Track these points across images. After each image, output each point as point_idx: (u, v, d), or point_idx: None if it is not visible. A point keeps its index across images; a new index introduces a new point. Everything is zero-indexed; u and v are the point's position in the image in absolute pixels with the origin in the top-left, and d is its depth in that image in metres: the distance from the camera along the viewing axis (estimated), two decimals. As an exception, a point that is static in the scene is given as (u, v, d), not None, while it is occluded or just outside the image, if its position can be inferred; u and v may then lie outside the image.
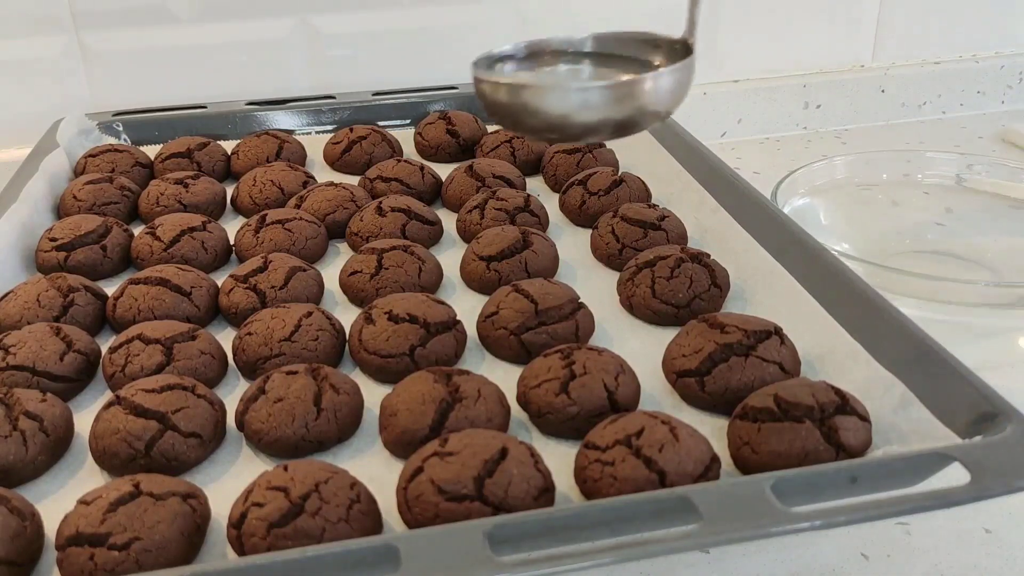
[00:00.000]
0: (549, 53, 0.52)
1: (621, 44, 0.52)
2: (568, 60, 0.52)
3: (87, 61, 0.86)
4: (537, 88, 0.45)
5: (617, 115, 0.45)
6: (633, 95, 0.45)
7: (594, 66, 0.52)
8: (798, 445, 0.42)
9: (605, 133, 0.46)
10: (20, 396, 0.46)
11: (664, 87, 0.45)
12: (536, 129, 0.46)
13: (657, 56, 0.51)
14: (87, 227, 0.63)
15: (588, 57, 0.52)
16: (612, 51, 0.52)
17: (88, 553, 0.37)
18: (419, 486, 0.40)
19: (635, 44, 0.52)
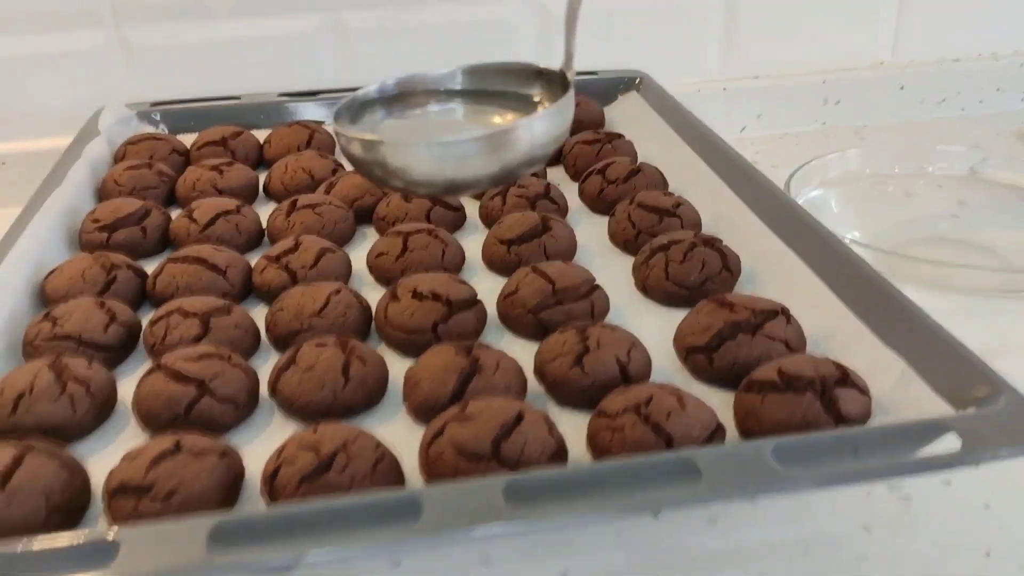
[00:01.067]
0: (419, 93, 0.48)
1: (497, 78, 0.48)
2: (440, 99, 0.48)
3: (126, 54, 0.90)
4: (395, 145, 0.41)
5: (489, 168, 0.41)
6: (503, 145, 0.41)
7: (468, 104, 0.48)
8: (799, 415, 0.44)
9: (480, 187, 0.42)
10: (68, 362, 0.49)
11: (538, 132, 0.42)
12: (401, 186, 0.43)
13: (535, 88, 0.47)
14: (128, 209, 0.67)
15: (461, 96, 0.48)
16: (487, 86, 0.48)
17: (133, 503, 0.40)
18: (440, 446, 0.42)
19: (512, 76, 0.48)
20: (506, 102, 0.47)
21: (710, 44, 1.01)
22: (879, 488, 0.50)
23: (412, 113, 0.47)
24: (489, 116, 0.46)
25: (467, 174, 0.41)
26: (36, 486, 0.40)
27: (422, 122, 0.46)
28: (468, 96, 0.48)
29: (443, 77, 0.48)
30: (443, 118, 0.47)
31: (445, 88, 0.47)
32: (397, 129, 0.45)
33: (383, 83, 0.46)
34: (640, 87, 0.90)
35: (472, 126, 0.46)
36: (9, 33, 0.87)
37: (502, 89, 0.48)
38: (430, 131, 0.45)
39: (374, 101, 0.46)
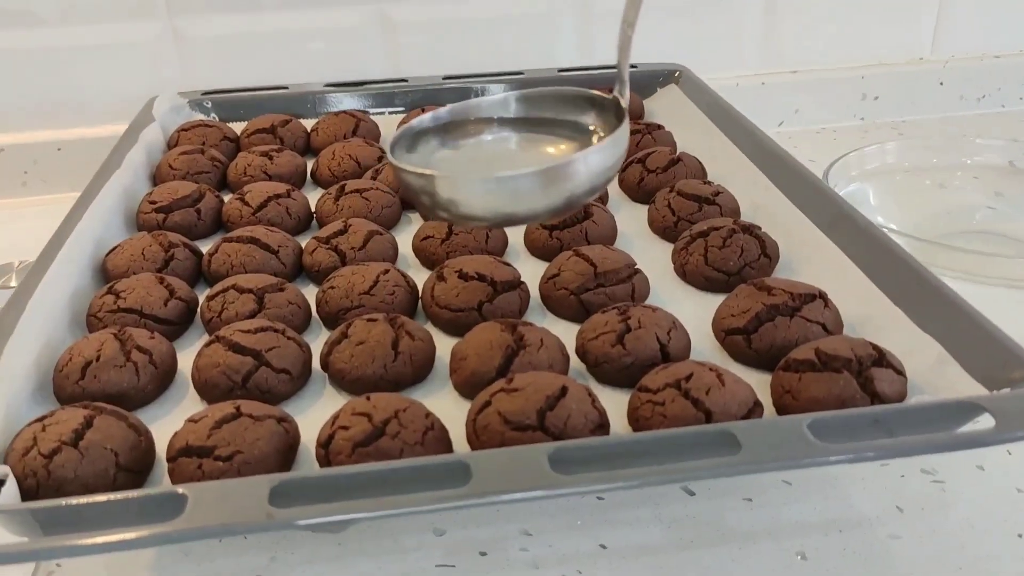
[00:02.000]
0: (473, 121, 0.47)
1: (550, 104, 0.48)
2: (494, 128, 0.48)
3: (179, 44, 0.93)
4: (450, 180, 0.41)
5: (545, 202, 0.41)
6: (559, 180, 0.41)
7: (522, 133, 0.47)
8: (836, 393, 0.45)
9: (537, 219, 0.42)
10: (132, 333, 0.52)
11: (594, 165, 0.41)
12: (458, 218, 0.43)
13: (589, 116, 0.47)
14: (183, 192, 0.69)
15: (514, 124, 0.48)
16: (541, 114, 0.48)
17: (196, 463, 0.43)
18: (487, 417, 0.44)
19: (565, 103, 0.48)
20: (560, 130, 0.47)
21: (749, 38, 1.02)
22: (913, 471, 0.51)
23: (466, 143, 0.47)
24: (543, 145, 0.46)
25: (522, 208, 0.41)
26: (106, 445, 0.43)
27: (476, 152, 0.46)
28: (521, 124, 0.47)
29: (496, 105, 0.47)
30: (497, 147, 0.46)
31: (498, 116, 0.47)
32: (452, 160, 0.45)
33: (437, 112, 0.46)
34: (679, 80, 0.91)
35: (527, 158, 0.45)
36: (67, 24, 0.90)
37: (555, 117, 0.47)
38: (485, 163, 0.45)
39: (428, 130, 0.46)
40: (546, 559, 0.47)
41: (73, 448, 0.42)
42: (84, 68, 0.92)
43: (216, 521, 0.37)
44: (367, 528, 0.48)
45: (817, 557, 0.46)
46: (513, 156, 0.46)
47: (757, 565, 0.46)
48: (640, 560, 0.46)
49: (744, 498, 0.50)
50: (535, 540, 0.48)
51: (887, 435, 0.41)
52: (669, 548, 0.47)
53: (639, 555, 0.47)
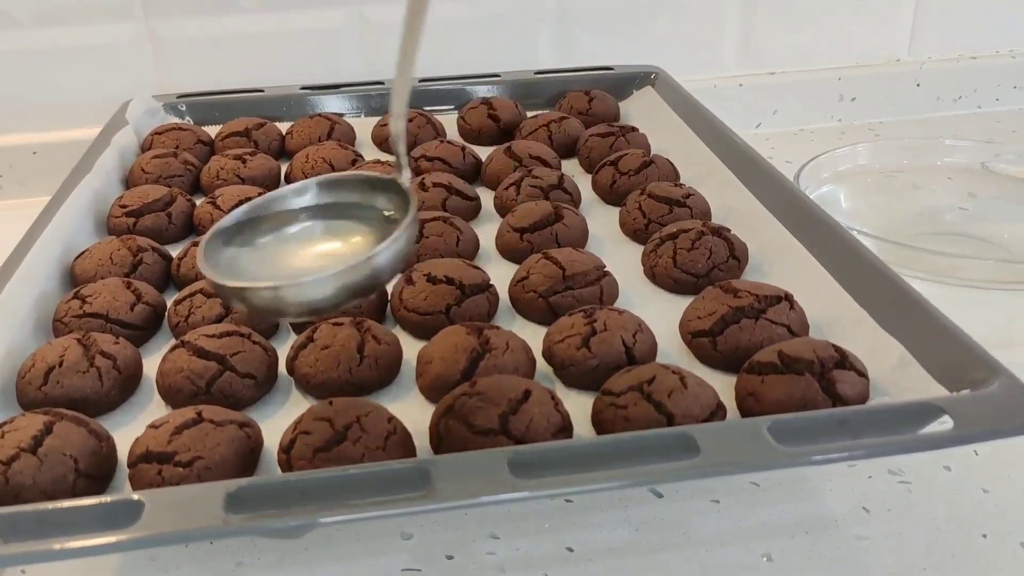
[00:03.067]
0: (276, 214, 0.48)
1: (345, 189, 0.49)
2: (299, 218, 0.48)
3: (154, 47, 0.92)
4: (238, 287, 0.42)
5: (340, 298, 0.42)
6: (353, 277, 0.41)
7: (326, 221, 0.48)
8: (798, 395, 0.45)
9: (336, 310, 0.43)
10: (96, 338, 0.51)
11: (383, 261, 0.42)
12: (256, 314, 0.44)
13: (380, 199, 0.48)
14: (154, 196, 0.69)
15: (318, 211, 0.49)
16: (339, 198, 0.49)
17: (156, 469, 0.42)
18: (449, 421, 0.44)
19: (358, 187, 0.49)
20: (362, 213, 0.48)
21: (727, 40, 1.02)
22: (880, 472, 0.51)
23: (273, 237, 0.47)
24: (346, 233, 0.47)
25: (326, 304, 0.42)
26: (66, 451, 0.43)
27: (282, 248, 0.47)
28: (325, 211, 0.48)
29: (298, 193, 0.48)
30: (302, 240, 0.47)
31: (302, 207, 0.48)
32: (259, 257, 0.46)
33: (237, 213, 0.47)
34: (656, 82, 0.91)
35: (329, 250, 0.47)
36: (42, 26, 0.89)
37: (356, 201, 0.48)
38: (290, 258, 0.46)
39: (235, 227, 0.46)
40: (513, 562, 0.47)
41: (32, 455, 0.42)
42: (59, 70, 0.91)
43: (172, 528, 0.37)
44: (334, 532, 0.48)
45: (783, 559, 0.46)
46: (316, 250, 0.47)
47: (724, 567, 0.46)
48: (607, 563, 0.46)
49: (712, 500, 0.50)
50: (502, 543, 0.48)
51: (850, 437, 0.41)
52: (636, 551, 0.47)
53: (606, 558, 0.47)
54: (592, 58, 0.96)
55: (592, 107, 0.88)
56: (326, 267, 0.41)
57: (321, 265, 0.43)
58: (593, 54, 0.98)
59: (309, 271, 0.43)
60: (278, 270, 0.45)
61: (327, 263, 0.43)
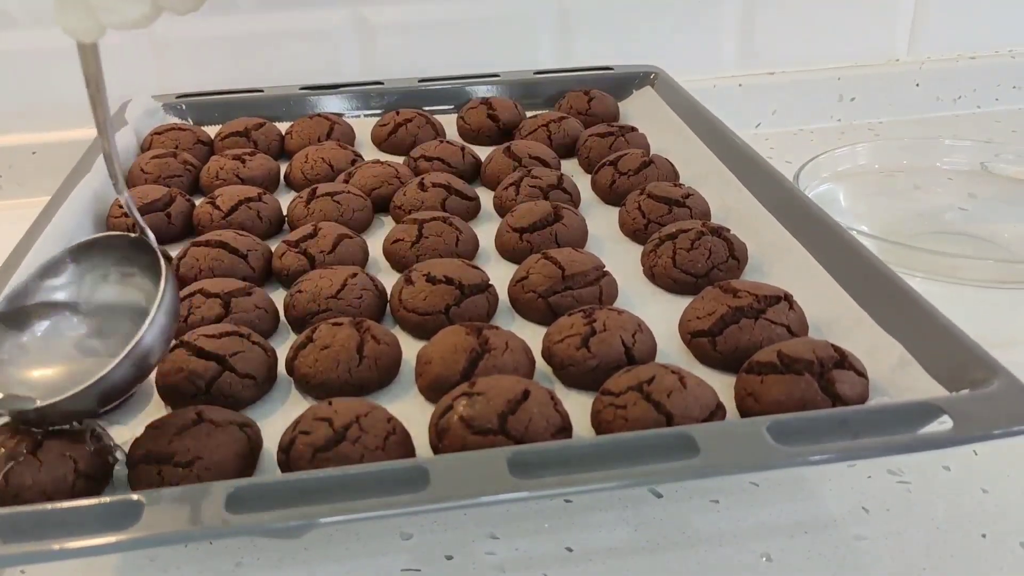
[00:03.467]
0: (36, 305, 0.47)
1: (100, 255, 0.48)
2: (58, 309, 0.47)
3: (154, 47, 0.92)
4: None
5: (115, 392, 0.43)
6: (111, 381, 0.42)
7: (87, 311, 0.47)
8: (797, 395, 0.45)
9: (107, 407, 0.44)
10: (96, 339, 0.51)
11: (144, 351, 0.42)
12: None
13: (133, 268, 0.47)
14: (153, 196, 0.69)
15: (78, 296, 0.48)
16: (95, 268, 0.48)
17: (156, 469, 0.42)
18: (448, 421, 0.44)
19: (113, 250, 0.48)
20: (121, 290, 0.47)
21: (726, 40, 1.02)
22: (879, 472, 0.51)
23: (37, 332, 0.47)
24: (110, 316, 0.47)
25: (87, 411, 0.43)
26: (65, 452, 0.43)
27: (46, 345, 0.46)
28: (85, 291, 0.48)
29: (52, 270, 0.48)
30: (67, 334, 0.47)
31: (62, 295, 0.47)
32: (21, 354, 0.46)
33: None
34: (655, 82, 0.91)
35: (92, 345, 0.46)
36: (40, 26, 0.89)
37: (107, 272, 0.48)
38: (56, 359, 0.46)
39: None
40: (513, 562, 0.47)
41: (31, 455, 0.42)
42: (59, 70, 0.91)
43: (172, 528, 0.37)
44: (334, 533, 0.48)
45: (783, 559, 0.46)
46: (81, 345, 0.47)
47: (723, 567, 0.46)
48: (606, 563, 0.46)
49: (711, 500, 0.50)
50: (501, 544, 0.48)
51: (849, 437, 0.41)
52: (635, 551, 0.47)
53: (605, 558, 0.47)
54: (592, 58, 0.96)
55: (592, 107, 0.88)
56: (86, 371, 0.41)
57: (80, 368, 0.44)
58: (593, 54, 0.98)
59: (68, 381, 0.43)
60: (41, 370, 0.45)
61: (86, 364, 0.44)
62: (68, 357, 0.46)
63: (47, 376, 0.45)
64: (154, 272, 0.46)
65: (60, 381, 0.44)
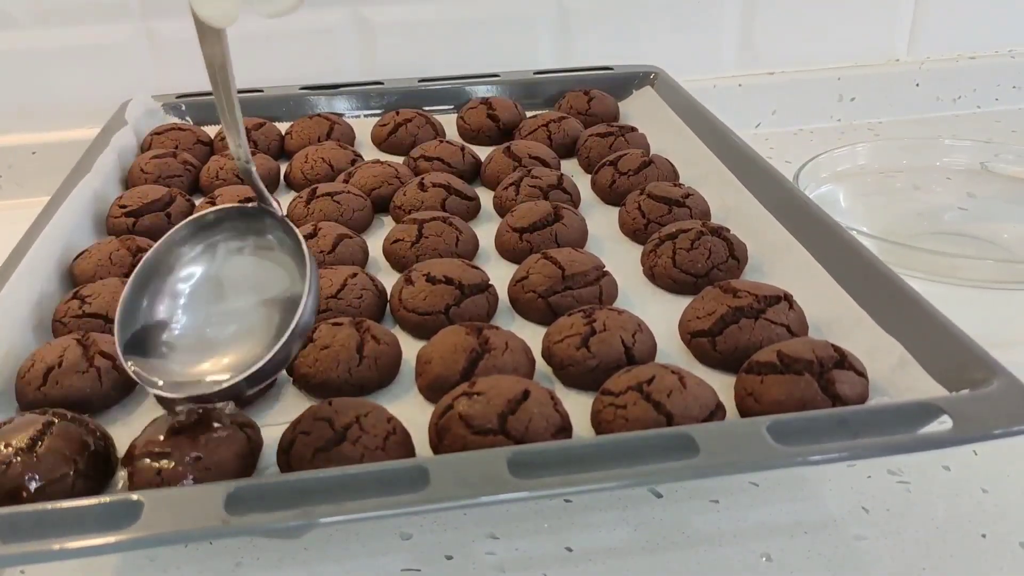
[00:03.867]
0: (175, 279, 0.47)
1: (225, 233, 0.48)
2: (197, 283, 0.47)
3: (153, 47, 0.92)
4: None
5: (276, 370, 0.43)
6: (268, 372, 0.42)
7: (230, 268, 0.47)
8: (797, 395, 0.45)
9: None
10: (95, 338, 0.51)
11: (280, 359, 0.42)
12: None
13: (271, 232, 0.47)
14: (153, 196, 0.69)
15: (214, 262, 0.47)
16: (231, 244, 0.48)
17: (155, 468, 0.42)
18: (449, 421, 0.44)
19: (227, 226, 0.48)
20: (257, 264, 0.47)
21: (726, 40, 1.02)
22: (879, 472, 0.51)
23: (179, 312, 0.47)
24: (246, 296, 0.47)
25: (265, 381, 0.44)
26: (65, 451, 0.42)
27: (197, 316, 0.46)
28: (219, 265, 0.47)
29: (183, 243, 0.47)
30: (207, 313, 0.47)
31: (194, 267, 0.47)
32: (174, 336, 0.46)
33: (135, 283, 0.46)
34: (655, 82, 0.91)
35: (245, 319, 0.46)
36: (40, 27, 0.89)
37: (243, 246, 0.48)
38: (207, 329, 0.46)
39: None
40: (512, 562, 0.47)
41: (31, 455, 0.42)
42: (59, 70, 0.91)
43: (172, 528, 0.37)
44: (333, 533, 0.48)
45: (783, 559, 0.46)
46: (225, 322, 0.46)
47: (723, 567, 0.46)
48: (606, 563, 0.46)
49: (711, 500, 0.50)
50: (501, 544, 0.48)
51: (849, 437, 0.41)
52: (635, 551, 0.47)
53: (605, 558, 0.47)
54: (592, 58, 0.96)
55: (591, 107, 0.88)
56: (238, 351, 0.43)
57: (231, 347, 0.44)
58: (593, 54, 0.98)
59: (220, 360, 0.44)
60: (201, 344, 0.45)
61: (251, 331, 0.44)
62: (215, 336, 0.46)
63: (198, 355, 0.45)
64: (272, 245, 0.46)
65: (212, 361, 0.44)
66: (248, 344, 0.44)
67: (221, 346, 0.45)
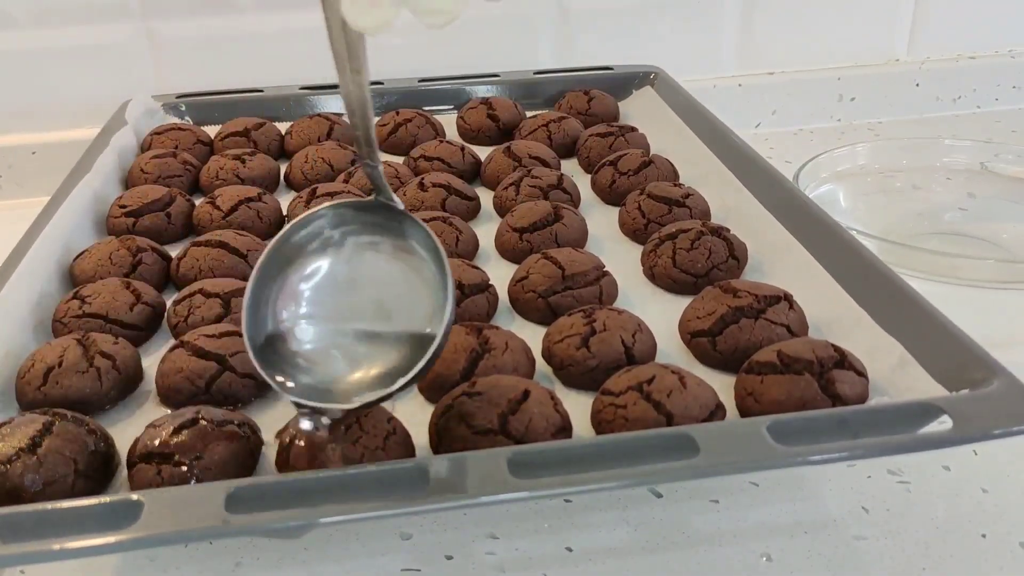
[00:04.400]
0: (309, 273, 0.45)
1: (351, 226, 0.45)
2: (329, 278, 0.45)
3: (153, 47, 0.92)
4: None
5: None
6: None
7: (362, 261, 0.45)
8: (797, 395, 0.45)
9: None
10: (96, 338, 0.51)
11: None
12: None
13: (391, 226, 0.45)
14: (153, 196, 0.69)
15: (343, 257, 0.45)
16: (361, 239, 0.45)
17: (155, 469, 0.42)
18: (449, 421, 0.44)
19: (364, 212, 0.45)
20: (386, 260, 0.45)
21: (726, 40, 1.02)
22: (879, 472, 0.51)
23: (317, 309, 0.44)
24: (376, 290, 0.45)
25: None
26: (65, 452, 0.43)
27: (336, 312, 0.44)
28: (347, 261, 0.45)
29: (312, 238, 0.45)
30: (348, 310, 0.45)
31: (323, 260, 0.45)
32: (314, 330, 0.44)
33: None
34: (655, 82, 0.91)
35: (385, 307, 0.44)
36: (39, 26, 0.89)
37: (378, 242, 0.45)
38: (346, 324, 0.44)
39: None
40: (512, 562, 0.46)
41: (31, 455, 0.42)
42: (59, 70, 0.91)
43: (172, 528, 0.37)
44: (333, 533, 0.48)
45: (783, 558, 0.46)
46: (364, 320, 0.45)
47: (723, 567, 0.46)
48: (606, 563, 0.46)
49: (711, 500, 0.50)
50: (501, 543, 0.48)
51: (849, 437, 0.41)
52: (635, 551, 0.47)
53: (605, 558, 0.47)
54: (592, 58, 0.96)
55: (591, 107, 0.88)
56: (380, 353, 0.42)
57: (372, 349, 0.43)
58: (593, 54, 0.98)
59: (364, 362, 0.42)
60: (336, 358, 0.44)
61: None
62: (348, 336, 0.44)
63: (330, 359, 0.44)
64: (397, 241, 0.44)
65: (347, 365, 0.43)
66: (385, 344, 0.43)
67: (355, 349, 0.44)
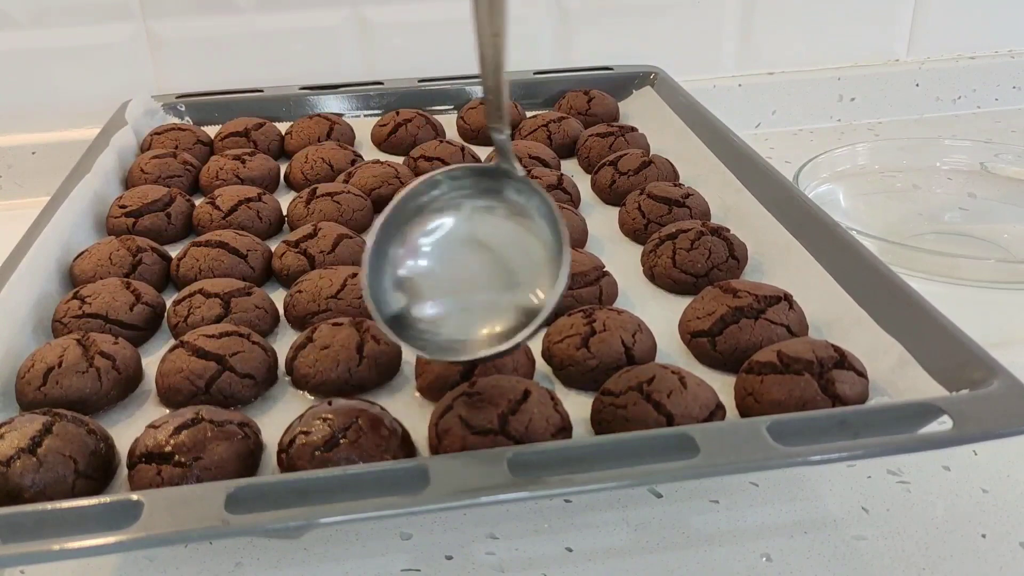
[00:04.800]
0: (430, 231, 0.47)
1: (468, 190, 0.47)
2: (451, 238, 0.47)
3: (153, 47, 0.92)
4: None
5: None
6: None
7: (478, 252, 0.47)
8: (797, 395, 0.45)
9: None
10: (95, 338, 0.51)
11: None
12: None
13: (507, 192, 0.46)
14: (153, 196, 0.69)
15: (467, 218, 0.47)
16: (479, 201, 0.47)
17: (155, 469, 0.42)
18: (448, 421, 0.44)
19: (479, 177, 0.47)
20: (504, 223, 0.46)
21: (726, 40, 1.02)
22: (879, 472, 0.51)
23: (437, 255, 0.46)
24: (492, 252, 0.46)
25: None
26: (65, 452, 0.43)
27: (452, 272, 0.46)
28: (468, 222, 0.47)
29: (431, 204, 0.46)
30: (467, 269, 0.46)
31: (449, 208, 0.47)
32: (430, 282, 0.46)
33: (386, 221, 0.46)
34: (655, 82, 0.91)
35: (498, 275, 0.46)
36: (40, 26, 0.89)
37: (493, 206, 0.47)
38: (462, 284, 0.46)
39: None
40: (512, 563, 0.46)
41: (31, 455, 0.42)
42: (58, 71, 0.91)
43: (172, 528, 0.37)
44: (333, 533, 0.48)
45: (782, 559, 0.46)
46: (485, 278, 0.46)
47: (723, 567, 0.46)
48: (606, 563, 0.46)
49: (711, 500, 0.50)
50: (501, 544, 0.48)
51: (849, 437, 0.41)
52: (635, 551, 0.47)
53: (605, 558, 0.47)
54: (592, 58, 0.96)
55: (591, 107, 0.88)
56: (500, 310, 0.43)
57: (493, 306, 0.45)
58: (593, 54, 0.98)
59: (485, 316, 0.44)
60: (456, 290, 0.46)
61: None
62: (467, 290, 0.46)
63: (450, 310, 0.46)
64: (513, 206, 0.46)
65: (474, 322, 0.45)
66: (501, 303, 0.45)
67: (473, 305, 0.46)
